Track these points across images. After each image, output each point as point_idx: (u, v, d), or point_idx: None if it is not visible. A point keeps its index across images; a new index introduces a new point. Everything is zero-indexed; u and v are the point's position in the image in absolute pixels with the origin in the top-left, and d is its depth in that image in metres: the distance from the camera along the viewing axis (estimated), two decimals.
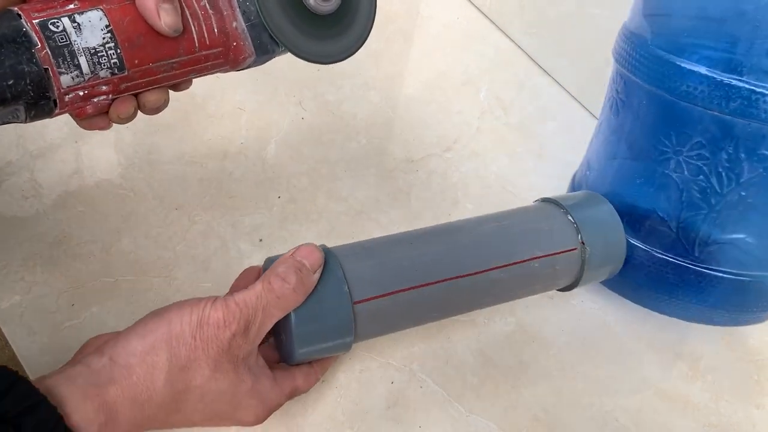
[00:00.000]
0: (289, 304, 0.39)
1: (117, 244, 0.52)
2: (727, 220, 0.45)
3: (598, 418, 0.50)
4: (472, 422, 0.49)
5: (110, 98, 0.37)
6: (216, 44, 0.40)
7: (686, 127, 0.45)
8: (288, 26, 0.41)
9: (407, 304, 0.44)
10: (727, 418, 0.52)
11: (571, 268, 0.49)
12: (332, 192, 0.59)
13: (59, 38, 0.34)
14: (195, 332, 0.37)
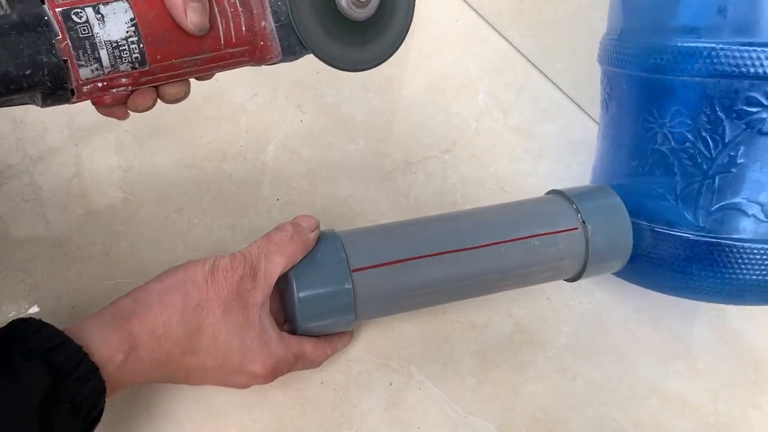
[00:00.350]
0: (288, 251, 0.42)
1: (117, 247, 0.52)
2: (724, 184, 0.45)
3: (596, 419, 0.51)
4: (470, 423, 0.49)
5: (129, 90, 0.37)
6: (242, 42, 0.39)
7: (663, 99, 0.47)
8: (318, 30, 0.40)
9: (408, 276, 0.45)
10: (724, 418, 0.53)
11: (576, 249, 0.48)
12: (331, 194, 0.60)
13: (81, 29, 0.33)
14: (207, 276, 0.40)
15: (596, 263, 0.49)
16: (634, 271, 0.52)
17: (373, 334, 0.52)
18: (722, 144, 0.45)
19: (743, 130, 0.44)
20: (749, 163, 0.45)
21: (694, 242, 0.47)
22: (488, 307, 0.55)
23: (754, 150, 0.45)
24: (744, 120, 0.44)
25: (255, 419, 0.46)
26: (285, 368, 0.43)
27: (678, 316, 0.58)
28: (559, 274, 0.50)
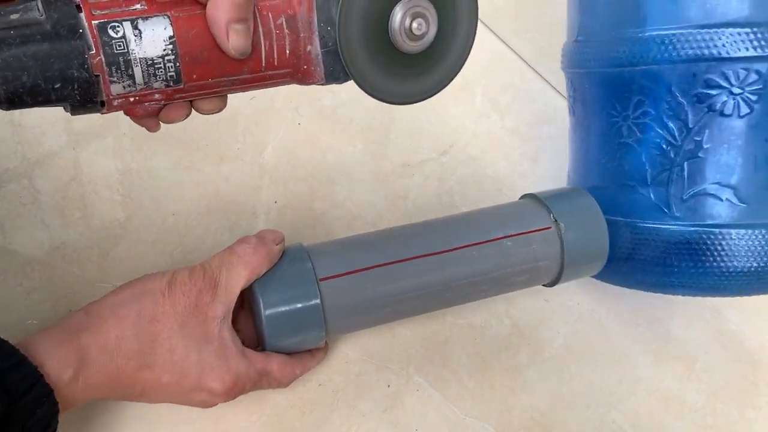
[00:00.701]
0: (252, 263, 0.41)
1: (114, 250, 0.52)
2: (693, 170, 0.45)
3: (595, 420, 0.51)
4: (468, 425, 0.49)
5: (162, 103, 0.36)
6: (285, 66, 0.37)
7: (624, 91, 0.48)
8: (366, 61, 0.38)
9: (378, 283, 0.44)
10: (722, 419, 0.53)
11: (551, 249, 0.48)
12: (329, 197, 0.60)
13: (117, 45, 0.32)
14: (164, 289, 0.39)
15: (574, 264, 0.48)
16: (614, 271, 0.51)
17: (371, 336, 0.52)
18: (686, 130, 0.45)
19: (705, 113, 0.44)
20: (716, 147, 0.45)
21: (670, 232, 0.47)
22: (486, 309, 0.55)
23: (719, 133, 0.44)
24: (705, 103, 0.44)
25: (253, 422, 0.46)
26: (248, 385, 0.41)
27: (676, 317, 0.58)
28: (537, 277, 0.49)
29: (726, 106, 0.44)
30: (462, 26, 0.40)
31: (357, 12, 0.36)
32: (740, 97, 0.43)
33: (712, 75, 0.43)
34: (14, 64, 0.30)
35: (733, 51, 0.43)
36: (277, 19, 0.36)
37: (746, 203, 0.45)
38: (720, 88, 0.44)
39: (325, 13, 0.36)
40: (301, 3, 0.36)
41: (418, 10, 0.37)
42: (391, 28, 0.37)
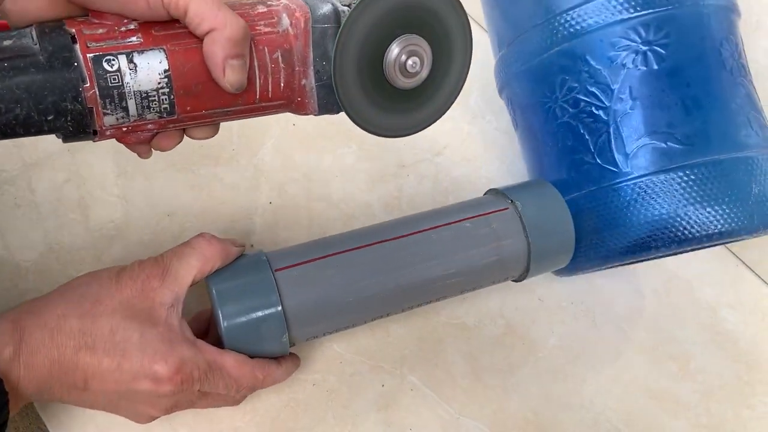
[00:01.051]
0: (205, 254, 0.41)
1: (109, 251, 0.52)
2: (628, 125, 0.47)
3: (589, 420, 0.51)
4: (462, 424, 0.49)
5: (154, 132, 0.36)
6: (279, 98, 0.38)
7: (546, 77, 0.51)
8: (360, 96, 0.39)
9: (336, 271, 0.43)
10: (717, 419, 0.53)
11: (512, 228, 0.47)
12: (324, 197, 0.60)
13: (111, 78, 0.32)
14: (113, 275, 0.39)
15: (540, 242, 0.48)
16: (589, 249, 0.51)
17: (365, 336, 0.52)
18: (610, 91, 0.47)
19: (622, 71, 0.47)
20: (642, 100, 0.47)
21: (626, 189, 0.47)
22: (480, 309, 0.55)
23: (641, 86, 0.47)
24: (619, 62, 0.47)
25: (247, 422, 0.46)
26: (195, 374, 0.39)
27: (671, 316, 0.58)
28: (507, 261, 0.48)
29: (639, 60, 0.46)
30: (455, 66, 0.41)
31: (353, 48, 0.37)
32: (649, 51, 0.46)
33: (619, 36, 0.47)
34: (7, 96, 0.30)
35: (627, 13, 0.46)
36: (273, 53, 0.36)
37: (688, 144, 0.46)
38: (627, 47, 0.47)
39: (321, 48, 0.37)
40: (298, 37, 0.36)
41: (414, 48, 0.38)
42: (386, 64, 0.38)
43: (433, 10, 0.38)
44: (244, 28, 0.34)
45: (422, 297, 0.47)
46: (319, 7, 0.36)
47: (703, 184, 0.46)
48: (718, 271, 0.62)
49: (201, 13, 0.32)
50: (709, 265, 0.63)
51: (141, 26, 0.33)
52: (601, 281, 0.59)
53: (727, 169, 0.46)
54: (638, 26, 0.46)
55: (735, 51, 0.49)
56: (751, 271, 0.63)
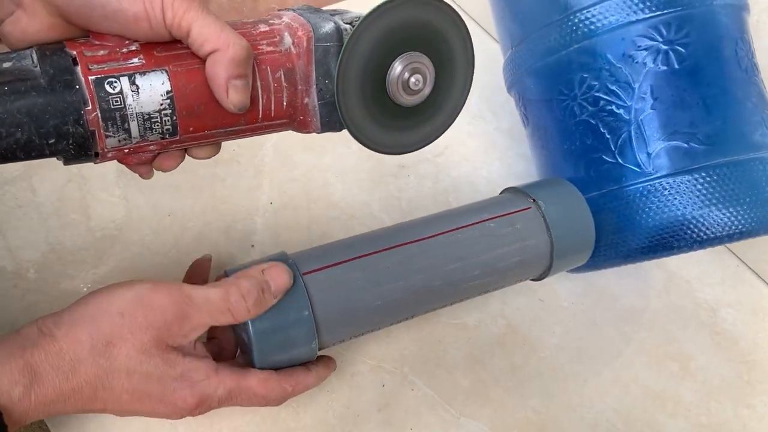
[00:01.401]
0: (240, 319, 0.38)
1: (110, 251, 0.52)
2: (650, 125, 0.47)
3: (589, 419, 0.51)
4: (463, 424, 0.49)
5: (156, 153, 0.36)
6: (281, 116, 0.38)
7: (565, 74, 0.50)
8: (362, 114, 0.39)
9: (363, 273, 0.42)
10: (717, 418, 0.53)
11: (535, 227, 0.47)
12: (324, 197, 0.60)
13: (113, 101, 0.31)
14: (124, 309, 0.35)
15: (563, 239, 0.48)
16: (609, 248, 0.51)
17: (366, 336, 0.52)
18: (632, 89, 0.47)
19: (644, 70, 0.46)
20: (663, 98, 0.47)
21: (649, 188, 0.47)
22: (480, 309, 0.55)
23: (662, 84, 0.47)
24: (641, 61, 0.47)
25: (248, 421, 0.46)
26: (216, 404, 0.38)
27: (671, 316, 0.58)
28: (530, 261, 0.48)
29: (660, 59, 0.46)
30: (457, 82, 0.42)
31: (356, 66, 0.37)
32: (670, 50, 0.46)
33: (640, 35, 0.46)
34: (8, 120, 0.30)
35: (647, 12, 0.46)
36: (275, 72, 0.36)
37: (709, 144, 0.46)
38: (651, 43, 0.46)
39: (324, 67, 0.37)
40: (300, 56, 0.36)
41: (417, 65, 0.38)
42: (389, 81, 0.38)
43: (435, 28, 0.39)
44: (247, 49, 0.33)
45: (447, 299, 0.46)
46: (322, 25, 0.36)
47: (724, 184, 0.46)
48: (719, 271, 0.62)
49: (204, 34, 0.32)
50: (709, 265, 0.63)
51: (142, 47, 0.33)
52: (601, 281, 0.59)
53: (746, 170, 0.46)
54: (659, 25, 0.46)
55: (749, 50, 0.50)
56: (752, 271, 0.63)
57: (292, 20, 0.37)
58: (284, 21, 0.37)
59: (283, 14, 0.38)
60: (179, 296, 0.36)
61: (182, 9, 0.32)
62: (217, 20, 0.33)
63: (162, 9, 0.32)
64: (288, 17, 0.37)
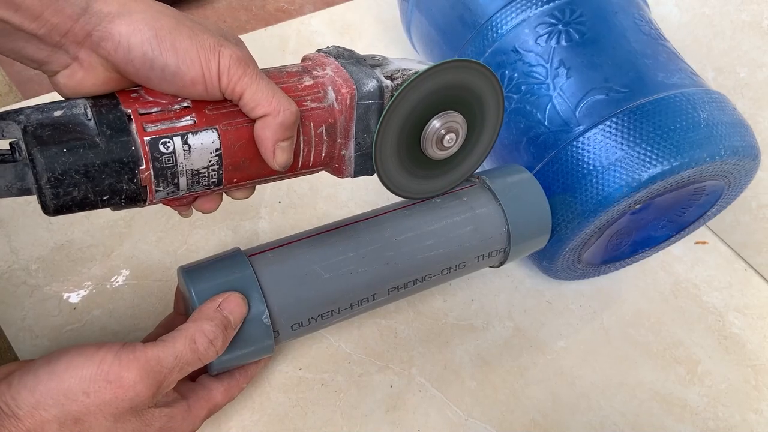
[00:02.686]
0: (207, 362, 0.38)
1: (119, 249, 0.52)
2: (569, 89, 0.50)
3: (596, 423, 0.51)
4: (470, 426, 0.49)
5: (197, 196, 0.36)
6: (318, 165, 0.39)
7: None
8: (394, 165, 0.41)
9: (309, 250, 0.42)
10: (724, 423, 0.53)
11: (482, 198, 0.47)
12: (332, 197, 0.60)
13: (166, 160, 0.32)
14: (88, 388, 0.33)
15: (513, 205, 0.48)
16: (565, 208, 0.50)
17: (373, 337, 0.52)
18: (545, 68, 0.51)
19: (551, 48, 0.51)
20: (575, 66, 0.50)
21: (583, 140, 0.48)
22: (488, 311, 0.55)
23: (571, 55, 0.50)
24: (546, 43, 0.51)
25: (256, 421, 0.47)
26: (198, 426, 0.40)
27: (678, 320, 0.58)
28: (486, 229, 0.47)
29: (561, 39, 0.51)
30: (484, 140, 0.44)
31: (396, 124, 0.39)
32: (569, 28, 0.51)
33: (538, 24, 0.52)
34: (66, 180, 0.30)
35: (541, 4, 0.52)
36: (318, 128, 0.37)
37: (628, 90, 0.49)
38: (549, 31, 0.51)
39: (364, 122, 0.38)
40: (342, 113, 0.37)
41: (454, 125, 0.41)
42: (424, 137, 0.40)
43: (473, 89, 0.41)
44: (296, 114, 0.34)
45: (408, 274, 0.45)
46: (365, 83, 0.37)
47: (652, 119, 0.47)
48: (727, 275, 0.62)
49: (256, 99, 0.33)
50: (717, 269, 0.63)
51: (194, 104, 0.33)
52: (608, 284, 0.59)
53: (671, 104, 0.48)
54: (554, 11, 0.51)
55: (650, 23, 0.54)
56: (759, 275, 0.63)
57: (335, 73, 0.37)
58: (328, 74, 0.37)
59: (326, 64, 0.38)
60: (149, 367, 0.35)
61: (237, 75, 0.32)
62: (269, 84, 0.33)
63: (218, 74, 0.32)
64: (331, 69, 0.38)
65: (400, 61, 0.41)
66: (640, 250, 0.58)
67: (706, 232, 0.65)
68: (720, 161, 0.47)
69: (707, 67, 0.60)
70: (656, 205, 0.52)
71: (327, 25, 0.75)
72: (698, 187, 0.52)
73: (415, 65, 0.40)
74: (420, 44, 0.65)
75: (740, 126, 0.49)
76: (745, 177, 0.52)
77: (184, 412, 0.38)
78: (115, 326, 0.49)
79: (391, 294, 0.45)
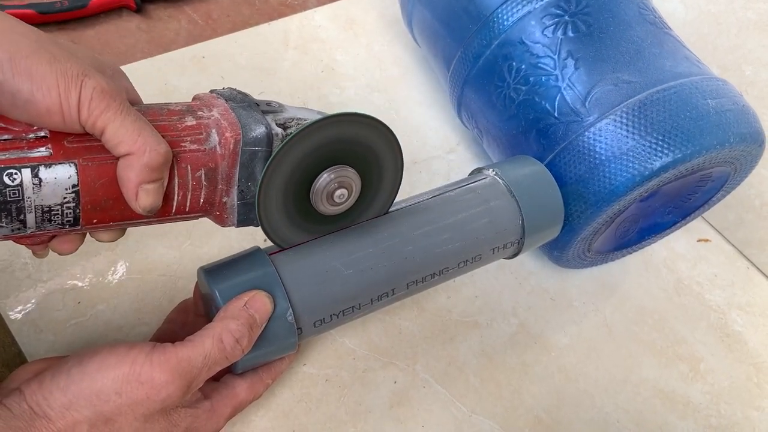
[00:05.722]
0: (234, 361, 0.38)
1: (123, 243, 0.52)
2: (579, 81, 0.50)
3: (599, 420, 0.51)
4: (474, 422, 0.49)
5: (52, 236, 0.33)
6: (196, 211, 0.36)
7: (495, 69, 0.54)
8: (281, 218, 0.38)
9: (330, 247, 0.41)
10: (726, 420, 0.53)
11: (496, 190, 0.48)
12: None
13: (11, 193, 0.29)
14: (120, 388, 0.34)
15: (526, 196, 0.48)
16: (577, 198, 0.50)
17: (377, 332, 0.52)
18: (553, 59, 0.51)
19: (558, 40, 0.51)
20: (583, 56, 0.50)
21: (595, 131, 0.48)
22: (492, 308, 0.55)
23: (579, 47, 0.50)
24: (552, 34, 0.51)
25: (261, 416, 0.47)
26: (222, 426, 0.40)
27: (681, 318, 0.58)
28: (500, 222, 0.47)
29: (568, 29, 0.51)
30: (381, 197, 0.42)
31: (282, 175, 0.36)
32: (576, 19, 0.51)
33: (545, 15, 0.51)
34: None
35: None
36: (196, 171, 0.34)
37: (637, 80, 0.49)
38: (556, 22, 0.51)
39: (248, 170, 0.36)
40: (224, 157, 0.35)
41: (345, 179, 0.38)
42: (314, 191, 0.38)
43: (366, 143, 0.39)
44: (165, 154, 0.32)
45: (425, 268, 0.45)
46: (252, 129, 0.35)
47: (662, 108, 0.47)
48: (729, 273, 0.62)
49: (119, 136, 0.30)
50: (720, 267, 0.63)
51: (53, 135, 0.30)
52: (611, 281, 0.59)
53: (680, 93, 0.48)
54: (560, 2, 0.51)
55: (654, 13, 0.54)
56: (762, 273, 0.63)
57: (222, 116, 0.35)
58: (213, 116, 0.35)
59: (214, 105, 0.36)
60: (180, 368, 0.35)
61: (100, 108, 0.30)
62: (136, 121, 0.31)
63: (78, 105, 0.29)
64: (218, 111, 0.35)
65: (297, 110, 0.39)
66: (647, 237, 0.58)
67: (709, 230, 0.65)
68: (729, 148, 0.47)
69: (712, 64, 0.60)
70: (663, 192, 0.53)
71: (330, 20, 0.75)
72: (705, 174, 0.52)
73: (314, 115, 0.38)
74: (422, 38, 0.64)
75: (747, 112, 0.49)
76: (751, 162, 0.52)
77: (208, 411, 0.38)
78: (119, 321, 0.49)
79: (410, 288, 0.45)
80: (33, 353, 0.46)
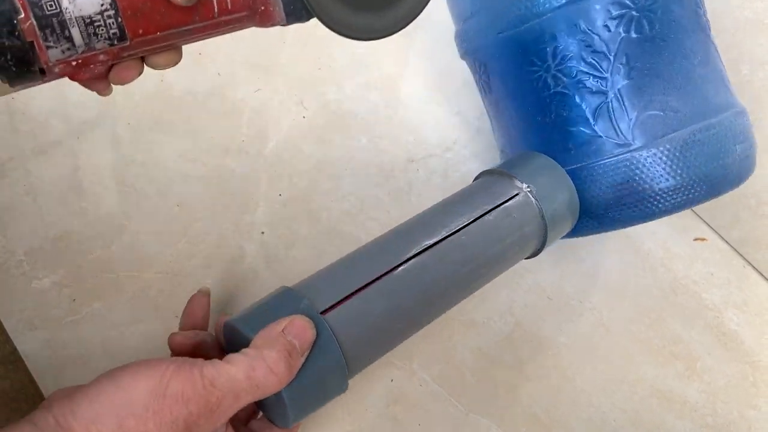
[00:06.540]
0: (268, 393, 0.35)
1: (118, 241, 0.52)
2: (629, 94, 0.46)
3: (596, 418, 0.51)
4: (471, 421, 0.49)
5: (109, 64, 0.32)
6: (240, 9, 0.34)
7: (538, 44, 0.48)
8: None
9: (384, 304, 0.40)
10: (722, 419, 0.53)
11: (530, 214, 0.47)
12: (333, 191, 0.59)
13: (47, 5, 0.28)
14: (148, 402, 0.33)
15: (554, 221, 0.48)
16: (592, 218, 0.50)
17: None
18: (608, 59, 0.46)
19: (620, 37, 0.46)
20: (639, 67, 0.46)
21: (630, 159, 0.46)
22: (489, 306, 0.55)
23: (637, 53, 0.46)
24: (615, 28, 0.46)
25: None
26: None
27: (677, 317, 0.58)
28: (526, 246, 0.47)
29: (634, 26, 0.46)
30: None
31: None
32: (642, 17, 0.46)
33: (613, 2, 0.46)
34: None
35: None
36: None
37: (684, 110, 0.46)
38: (622, 14, 0.46)
39: None
40: None
41: None
42: None
43: None
44: None
45: (457, 300, 0.46)
46: None
47: (700, 151, 0.46)
48: (725, 271, 0.63)
49: None
50: (716, 266, 0.63)
51: None
52: (609, 280, 0.59)
53: (718, 135, 0.47)
54: None
55: (704, 8, 0.50)
56: (758, 272, 0.63)
57: None
58: None
59: None
60: (200, 385, 0.33)
61: None
62: None
63: None
64: None
65: None
66: None
67: (706, 230, 0.65)
68: (729, 189, 0.49)
69: None
70: None
71: None
72: None
73: None
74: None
75: (755, 151, 0.50)
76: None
77: None
78: (115, 318, 0.48)
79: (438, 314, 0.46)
80: (27, 351, 0.46)
